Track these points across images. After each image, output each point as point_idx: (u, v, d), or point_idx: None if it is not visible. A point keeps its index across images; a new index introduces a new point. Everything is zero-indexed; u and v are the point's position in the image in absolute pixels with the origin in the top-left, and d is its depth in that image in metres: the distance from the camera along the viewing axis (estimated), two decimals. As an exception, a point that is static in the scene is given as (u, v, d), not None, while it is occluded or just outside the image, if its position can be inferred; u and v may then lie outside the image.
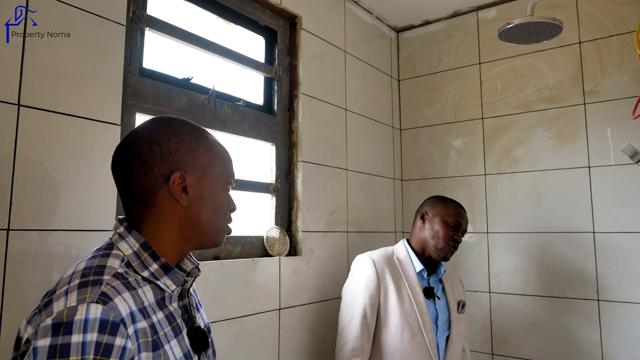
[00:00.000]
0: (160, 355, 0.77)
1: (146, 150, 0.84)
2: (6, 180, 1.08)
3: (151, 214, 0.86)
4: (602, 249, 2.09)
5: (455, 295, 1.86)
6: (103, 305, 0.70)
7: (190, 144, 0.88)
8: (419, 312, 1.69)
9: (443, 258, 1.78)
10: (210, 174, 0.89)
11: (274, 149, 1.96)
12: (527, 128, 2.32)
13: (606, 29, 2.16)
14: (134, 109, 1.44)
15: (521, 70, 2.37)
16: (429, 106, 2.65)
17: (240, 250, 1.76)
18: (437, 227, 1.79)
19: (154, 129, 0.87)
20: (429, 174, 2.62)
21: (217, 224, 0.91)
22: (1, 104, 1.09)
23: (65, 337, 0.66)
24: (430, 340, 1.67)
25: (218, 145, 0.94)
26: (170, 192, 0.85)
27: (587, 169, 2.15)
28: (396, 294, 1.71)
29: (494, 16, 2.48)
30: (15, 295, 1.08)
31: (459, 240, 1.79)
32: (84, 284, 0.73)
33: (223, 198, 0.92)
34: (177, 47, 1.65)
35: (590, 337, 2.08)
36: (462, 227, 1.81)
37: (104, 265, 0.78)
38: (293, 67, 2.05)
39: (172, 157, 0.85)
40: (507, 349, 2.27)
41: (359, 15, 2.48)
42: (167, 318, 0.82)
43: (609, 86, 2.13)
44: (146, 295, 0.80)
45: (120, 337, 0.70)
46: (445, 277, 1.87)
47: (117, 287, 0.75)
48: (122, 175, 0.86)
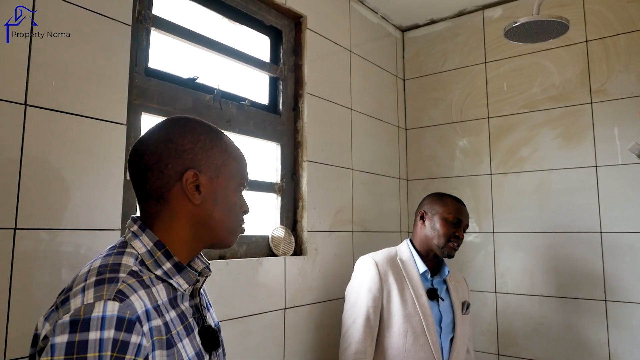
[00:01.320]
0: (174, 353, 0.78)
1: (162, 148, 0.85)
2: (13, 180, 1.09)
3: (164, 211, 0.86)
4: (609, 249, 2.07)
5: (460, 295, 1.84)
6: (120, 303, 0.71)
7: (206, 144, 0.88)
8: (422, 314, 1.68)
9: (447, 256, 1.77)
10: (224, 174, 0.90)
11: (279, 148, 1.96)
12: (534, 127, 2.31)
13: (613, 28, 2.14)
14: (140, 108, 1.44)
15: (527, 70, 2.36)
16: (435, 106, 2.65)
17: (245, 249, 1.76)
18: (437, 226, 1.77)
19: (170, 128, 0.88)
20: (434, 174, 2.61)
21: (230, 224, 0.92)
22: (8, 103, 1.09)
23: (83, 333, 0.66)
24: (434, 342, 1.66)
25: (233, 147, 0.94)
26: (183, 189, 0.85)
27: (594, 168, 2.13)
28: (399, 296, 1.70)
29: (499, 15, 2.47)
30: (23, 294, 1.09)
31: (461, 236, 1.77)
32: (101, 282, 0.73)
33: (236, 199, 0.93)
34: (182, 47, 1.65)
35: (598, 337, 2.07)
36: (463, 222, 1.79)
37: (119, 263, 0.78)
38: (298, 66, 2.05)
39: (187, 155, 0.86)
40: (514, 350, 2.26)
41: (364, 14, 2.47)
42: (179, 317, 0.83)
43: (616, 85, 2.12)
44: (159, 293, 0.81)
45: (136, 335, 0.70)
46: (450, 278, 1.85)
47: (132, 285, 0.76)
48: (137, 172, 0.87)
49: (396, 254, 1.81)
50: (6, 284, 1.06)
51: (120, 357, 0.67)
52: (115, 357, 0.67)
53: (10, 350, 1.06)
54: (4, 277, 1.06)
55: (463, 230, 1.79)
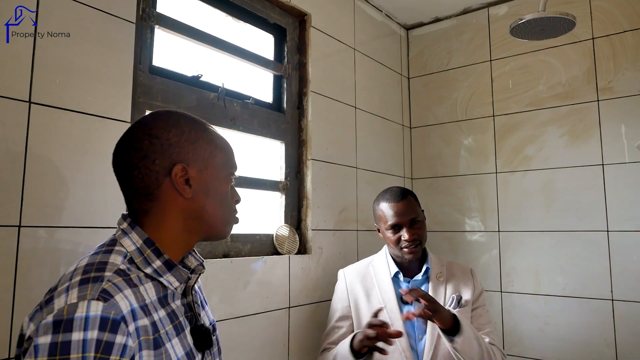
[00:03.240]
0: (162, 353, 0.76)
1: (146, 144, 0.84)
2: (17, 177, 1.09)
3: (154, 208, 0.85)
4: (616, 248, 2.06)
5: (453, 290, 1.68)
6: (104, 303, 0.69)
7: (191, 136, 0.87)
8: (391, 319, 1.60)
9: (408, 260, 1.66)
10: (212, 165, 0.89)
11: (283, 147, 1.96)
12: (539, 125, 2.29)
13: (620, 24, 2.13)
14: (144, 106, 1.44)
15: (533, 67, 2.34)
16: (440, 104, 2.63)
17: (250, 248, 1.76)
18: (387, 238, 1.68)
19: (153, 122, 0.86)
20: (439, 173, 2.60)
21: (223, 215, 0.91)
22: (12, 101, 1.09)
23: (66, 334, 0.65)
24: (403, 346, 1.57)
25: (218, 137, 0.93)
26: (173, 185, 0.84)
27: (601, 166, 2.12)
28: (367, 303, 1.67)
29: (505, 13, 2.45)
30: (25, 292, 1.08)
31: (409, 236, 1.61)
32: (85, 281, 0.72)
33: (227, 189, 0.92)
34: (186, 45, 1.65)
35: (605, 337, 2.05)
36: (403, 222, 1.62)
37: (105, 262, 0.77)
38: (302, 64, 2.05)
39: (173, 149, 0.85)
40: (519, 349, 2.24)
41: (369, 12, 2.46)
42: (168, 316, 0.81)
43: (623, 82, 2.10)
44: (148, 292, 0.79)
45: (121, 335, 0.69)
46: (438, 275, 1.71)
47: (118, 284, 0.74)
48: (123, 170, 0.85)
49: (370, 261, 1.78)
50: (11, 282, 1.06)
51: (104, 357, 0.66)
52: (99, 357, 0.66)
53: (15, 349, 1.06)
54: (8, 276, 1.06)
55: (410, 226, 1.63)
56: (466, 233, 2.47)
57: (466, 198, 2.49)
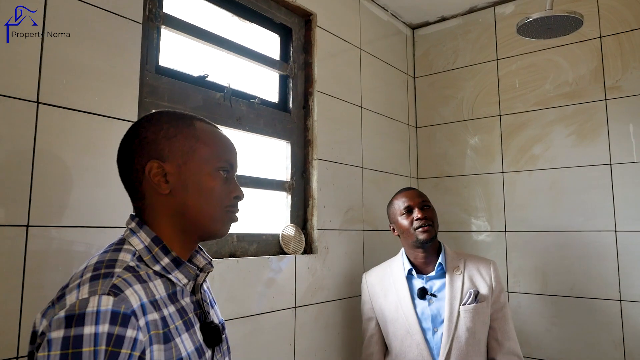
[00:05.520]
0: (172, 348, 0.77)
1: (129, 144, 0.87)
2: (26, 177, 1.10)
3: (145, 206, 0.87)
4: (624, 248, 2.04)
5: (470, 285, 1.68)
6: (114, 297, 0.71)
7: (168, 132, 0.87)
8: (405, 315, 1.71)
9: (424, 241, 1.69)
10: (193, 160, 0.87)
11: (289, 146, 1.96)
12: (546, 125, 2.28)
13: (628, 23, 2.11)
14: (151, 106, 1.44)
15: (540, 66, 2.33)
16: (445, 103, 2.62)
17: (256, 248, 1.76)
18: (401, 225, 1.78)
19: (138, 124, 0.90)
20: (445, 172, 2.59)
21: (210, 211, 0.88)
22: (21, 101, 1.10)
23: (78, 328, 0.67)
24: (418, 342, 1.65)
25: (206, 132, 0.90)
26: (150, 181, 0.86)
27: (609, 166, 2.10)
28: (386, 302, 1.78)
29: (511, 11, 2.44)
30: (35, 291, 1.09)
31: (421, 215, 1.72)
32: (96, 277, 0.74)
33: (214, 184, 0.88)
34: (192, 45, 1.65)
35: (612, 338, 2.03)
36: (413, 203, 1.76)
37: (115, 259, 0.79)
38: (308, 64, 2.04)
39: (150, 146, 0.86)
40: (526, 350, 2.23)
41: (374, 12, 2.46)
42: (178, 312, 0.83)
43: (631, 81, 2.08)
44: (157, 288, 0.81)
45: (131, 329, 0.70)
46: (456, 269, 1.71)
47: (128, 279, 0.76)
48: (119, 171, 0.90)
49: (389, 263, 1.88)
50: (19, 282, 1.07)
51: (115, 351, 0.68)
52: (110, 351, 0.67)
53: (23, 348, 1.06)
54: (16, 276, 1.07)
55: (421, 209, 1.75)
56: (472, 233, 2.46)
57: (472, 198, 2.48)
